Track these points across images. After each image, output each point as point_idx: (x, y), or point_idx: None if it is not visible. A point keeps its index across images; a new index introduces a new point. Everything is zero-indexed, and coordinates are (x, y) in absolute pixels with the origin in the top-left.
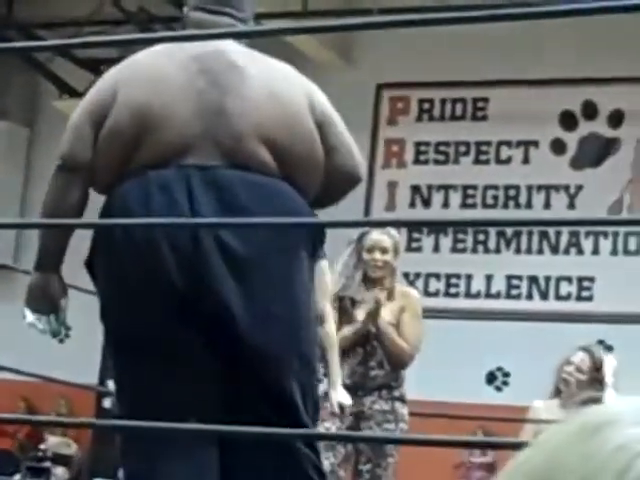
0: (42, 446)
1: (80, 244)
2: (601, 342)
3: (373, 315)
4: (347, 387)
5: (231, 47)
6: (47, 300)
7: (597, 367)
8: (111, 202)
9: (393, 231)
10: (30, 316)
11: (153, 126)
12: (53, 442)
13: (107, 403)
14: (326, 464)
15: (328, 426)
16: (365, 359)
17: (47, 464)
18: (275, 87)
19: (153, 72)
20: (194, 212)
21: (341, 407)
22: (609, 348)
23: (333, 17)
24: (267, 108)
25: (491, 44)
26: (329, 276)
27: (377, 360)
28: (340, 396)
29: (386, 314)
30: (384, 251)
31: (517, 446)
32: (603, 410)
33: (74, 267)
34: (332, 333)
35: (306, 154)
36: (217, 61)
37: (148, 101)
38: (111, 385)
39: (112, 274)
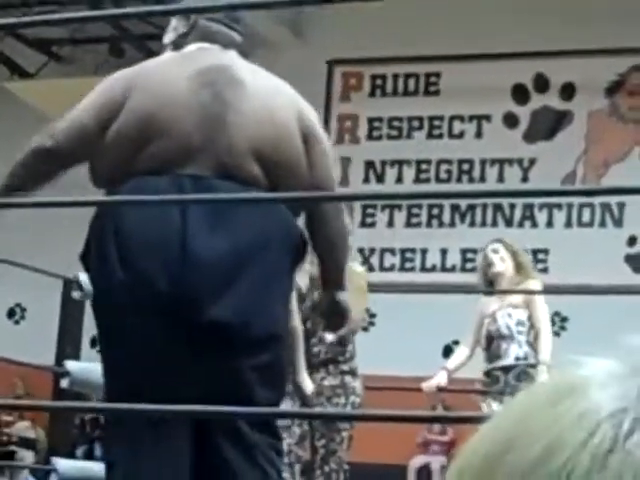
0: (7, 430)
1: (38, 226)
2: (556, 314)
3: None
4: None
5: (235, 62)
6: None
7: (510, 250)
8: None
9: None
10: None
11: (156, 134)
12: (19, 426)
13: (64, 383)
14: (283, 445)
15: (283, 407)
16: (307, 336)
17: (12, 448)
18: (270, 103)
19: (162, 82)
20: (185, 221)
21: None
22: (564, 319)
23: None
24: (262, 124)
25: (442, 19)
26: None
27: (318, 336)
28: (304, 382)
29: None
30: None
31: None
32: (572, 373)
33: (32, 247)
34: (296, 324)
35: (293, 169)
36: (221, 75)
37: (154, 110)
38: (68, 365)
39: (102, 272)
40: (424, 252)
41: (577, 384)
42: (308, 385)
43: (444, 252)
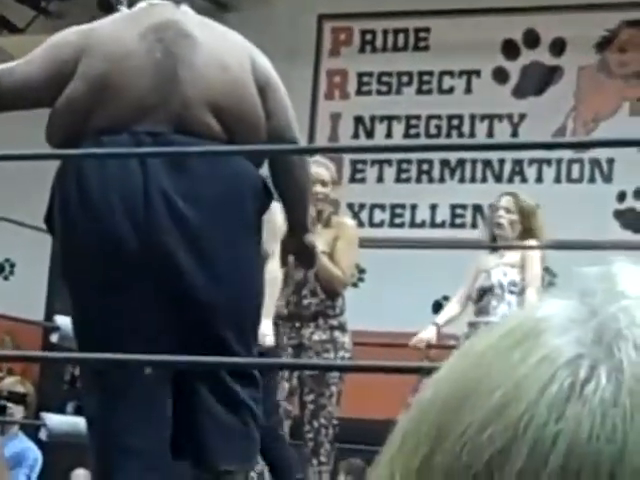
0: None
1: (26, 181)
2: (545, 269)
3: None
4: (284, 317)
5: (185, 16)
6: None
7: (523, 213)
8: (66, 165)
9: (329, 163)
10: None
11: (111, 95)
12: (8, 381)
13: (54, 338)
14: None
15: None
16: (298, 288)
17: (2, 402)
18: (222, 55)
19: (113, 43)
20: (146, 176)
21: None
22: (553, 275)
23: None
24: (215, 76)
25: None
26: (280, 216)
27: (310, 288)
28: (263, 326)
29: (320, 243)
30: (323, 184)
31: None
32: (530, 316)
33: (20, 203)
34: (273, 270)
35: (249, 118)
36: (171, 30)
37: (108, 71)
38: (58, 320)
39: (68, 232)
40: (414, 208)
41: (534, 328)
42: (264, 329)
43: (434, 208)
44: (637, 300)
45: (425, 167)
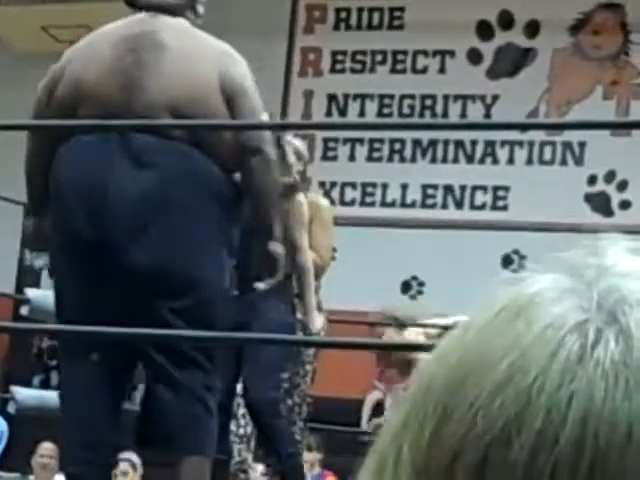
0: None
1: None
2: (515, 252)
3: None
4: None
5: (162, 27)
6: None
7: None
8: (54, 162)
9: (296, 140)
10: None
11: (84, 99)
12: None
13: (24, 310)
14: None
15: None
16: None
17: None
18: (190, 66)
19: (91, 51)
20: (111, 172)
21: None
22: (522, 257)
23: None
24: (178, 85)
25: None
26: (305, 207)
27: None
28: (312, 321)
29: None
30: (299, 157)
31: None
32: (522, 292)
33: None
34: (304, 261)
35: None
36: (145, 40)
37: (82, 77)
38: (29, 293)
39: (49, 217)
40: (385, 187)
41: (531, 301)
42: (316, 323)
43: (405, 187)
44: (632, 271)
45: (397, 146)
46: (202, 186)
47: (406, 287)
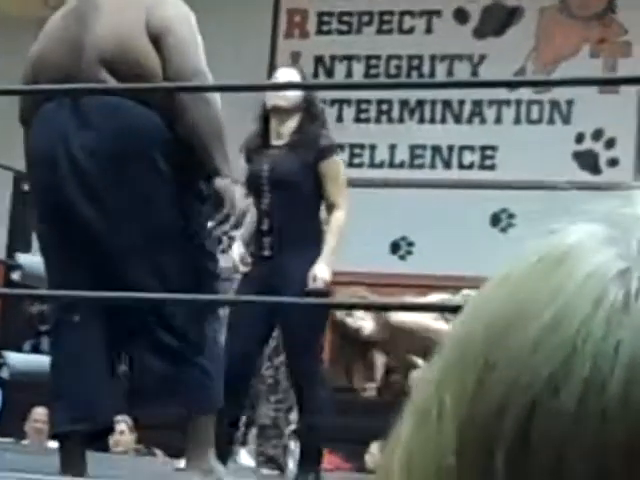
0: None
1: None
2: (504, 210)
3: None
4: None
5: None
6: None
7: None
8: (29, 130)
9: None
10: None
11: (41, 69)
12: None
13: (15, 276)
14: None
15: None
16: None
17: None
18: (119, 16)
19: (48, 28)
20: (64, 135)
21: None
22: (511, 216)
23: None
24: (107, 37)
25: None
26: (342, 166)
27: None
28: (317, 269)
29: None
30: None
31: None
32: (558, 242)
33: None
34: (337, 219)
35: (138, 69)
36: (87, 5)
37: (39, 49)
38: (20, 258)
39: (29, 180)
40: (373, 148)
41: (568, 252)
42: (320, 275)
43: (393, 148)
44: None
45: (384, 107)
46: (146, 138)
47: (395, 247)
